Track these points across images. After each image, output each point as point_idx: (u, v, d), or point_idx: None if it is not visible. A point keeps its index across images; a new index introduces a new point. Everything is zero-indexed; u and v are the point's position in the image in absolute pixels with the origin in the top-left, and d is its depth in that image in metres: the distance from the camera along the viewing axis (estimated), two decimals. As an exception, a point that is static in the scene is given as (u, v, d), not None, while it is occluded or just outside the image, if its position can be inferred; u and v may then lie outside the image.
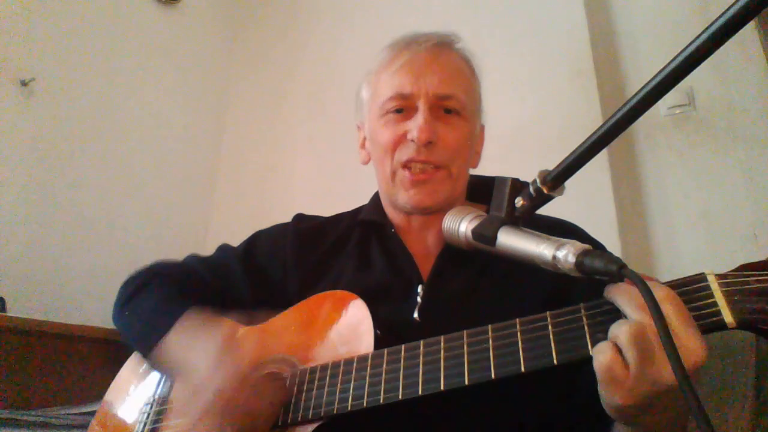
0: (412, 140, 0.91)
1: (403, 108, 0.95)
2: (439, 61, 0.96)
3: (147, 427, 0.93)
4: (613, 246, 1.70)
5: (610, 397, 0.58)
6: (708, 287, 0.58)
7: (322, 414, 0.76)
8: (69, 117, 2.19)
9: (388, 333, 0.79)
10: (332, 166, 2.41)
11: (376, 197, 1.08)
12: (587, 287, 0.62)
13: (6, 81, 2.00)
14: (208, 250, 1.19)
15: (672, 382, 0.53)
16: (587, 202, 1.74)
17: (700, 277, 0.58)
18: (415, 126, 0.91)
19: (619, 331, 0.56)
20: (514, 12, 2.18)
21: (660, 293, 0.55)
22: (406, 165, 0.93)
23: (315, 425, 0.76)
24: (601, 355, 0.57)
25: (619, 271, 0.53)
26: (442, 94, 0.93)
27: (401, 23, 2.39)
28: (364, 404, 0.72)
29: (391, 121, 0.96)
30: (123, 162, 2.36)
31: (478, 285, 0.90)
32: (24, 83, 2.03)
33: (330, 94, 2.53)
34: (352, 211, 1.13)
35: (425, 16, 2.36)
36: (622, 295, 0.58)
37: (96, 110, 2.29)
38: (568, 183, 0.63)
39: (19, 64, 2.04)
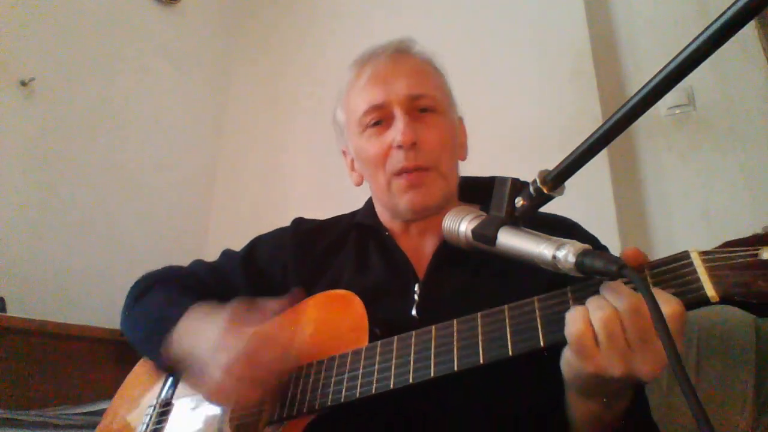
0: (398, 146, 0.92)
1: (381, 119, 0.96)
2: (402, 66, 0.98)
3: (149, 428, 0.94)
4: (613, 246, 1.69)
5: (579, 364, 0.60)
6: (691, 264, 0.59)
7: (317, 407, 0.77)
8: (69, 117, 2.19)
9: (387, 331, 0.80)
10: (331, 167, 2.40)
11: (369, 203, 1.10)
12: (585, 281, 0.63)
13: (6, 81, 2.00)
14: (207, 250, 1.20)
15: (641, 376, 0.57)
16: (587, 202, 1.73)
17: (684, 255, 0.60)
18: (396, 131, 0.93)
19: (596, 310, 0.58)
20: (515, 12, 2.18)
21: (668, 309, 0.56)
22: (399, 174, 0.94)
23: (310, 418, 0.78)
24: (572, 326, 0.59)
25: (619, 271, 0.54)
26: (414, 94, 0.95)
27: (400, 22, 2.39)
28: (357, 395, 0.74)
29: (373, 135, 0.97)
30: (123, 162, 2.37)
31: (475, 282, 0.91)
32: (24, 83, 2.03)
33: (329, 94, 2.51)
34: (349, 214, 1.14)
35: (424, 15, 2.36)
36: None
37: (96, 110, 2.29)
38: (568, 183, 0.63)
39: (19, 64, 2.04)
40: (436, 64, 1.05)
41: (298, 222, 1.14)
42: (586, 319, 0.58)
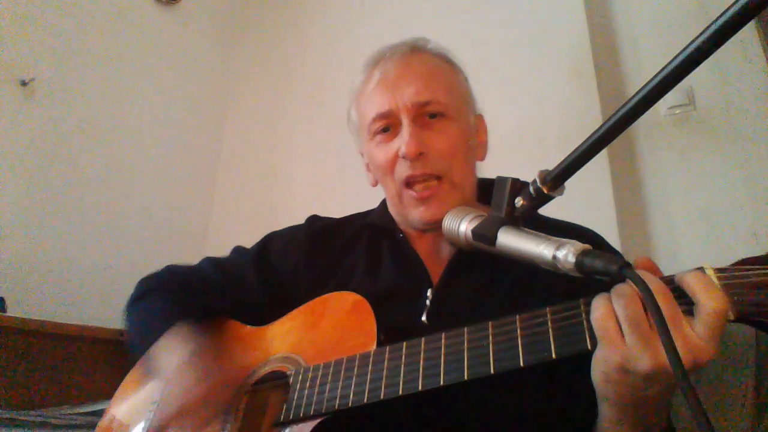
0: (404, 157, 0.90)
1: (388, 126, 0.94)
2: (410, 69, 0.95)
3: (151, 426, 0.93)
4: (613, 246, 1.69)
5: (606, 355, 0.58)
6: None
7: (324, 410, 0.76)
8: (69, 117, 2.19)
9: (395, 335, 0.79)
10: (332, 166, 2.41)
11: (384, 203, 1.08)
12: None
13: (6, 81, 2.00)
14: (208, 250, 1.20)
15: (666, 367, 0.54)
16: (587, 202, 1.73)
17: (698, 271, 0.58)
18: (402, 142, 0.91)
19: (618, 297, 0.57)
20: (515, 12, 2.18)
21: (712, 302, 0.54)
22: (407, 183, 0.93)
23: (317, 421, 0.77)
24: (596, 311, 0.58)
25: (620, 271, 0.53)
26: (421, 101, 0.92)
27: (401, 23, 2.39)
28: (365, 400, 0.73)
29: (382, 142, 0.95)
30: (123, 162, 2.37)
31: (488, 291, 0.89)
32: (24, 83, 2.03)
33: (330, 93, 2.53)
34: (363, 213, 1.13)
35: (424, 16, 2.36)
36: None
37: (96, 110, 2.29)
38: (568, 183, 0.63)
39: (19, 64, 2.04)
40: (452, 61, 1.02)
41: (313, 220, 1.12)
42: (609, 304, 0.57)
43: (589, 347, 0.60)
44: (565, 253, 0.57)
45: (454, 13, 2.29)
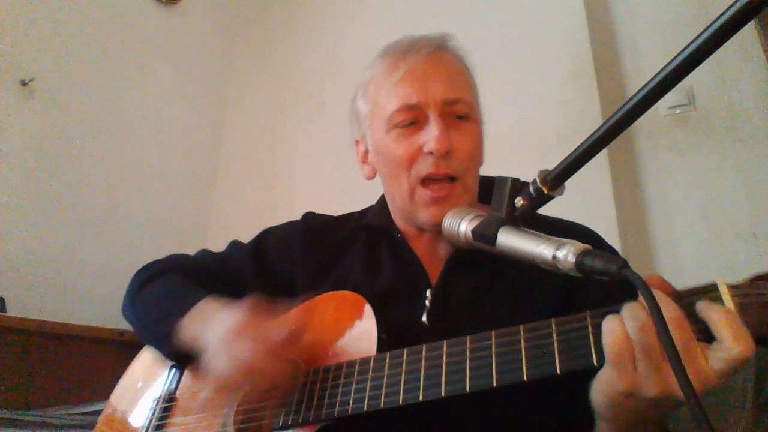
0: (430, 152, 0.88)
1: (413, 120, 0.92)
2: (440, 66, 0.94)
3: (153, 423, 0.93)
4: (613, 246, 1.70)
5: (615, 380, 0.57)
6: (720, 299, 0.56)
7: (323, 416, 0.76)
8: (69, 117, 2.19)
9: (396, 336, 0.79)
10: (332, 166, 2.41)
11: (382, 202, 1.06)
12: (602, 301, 0.61)
13: (6, 81, 2.00)
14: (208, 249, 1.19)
15: (680, 395, 0.49)
16: (587, 202, 1.73)
17: (712, 287, 0.57)
18: (430, 137, 0.88)
19: (630, 320, 0.56)
20: (515, 12, 2.18)
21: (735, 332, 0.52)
22: (425, 182, 0.91)
23: (316, 427, 0.76)
24: (610, 336, 0.57)
25: (620, 271, 0.53)
26: (451, 99, 0.90)
27: (400, 23, 2.39)
28: (365, 408, 0.72)
29: (402, 135, 0.92)
30: (123, 162, 2.37)
31: (488, 290, 0.89)
32: (24, 83, 2.03)
33: (330, 93, 2.53)
34: (360, 212, 1.12)
35: (424, 16, 2.36)
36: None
37: (96, 110, 2.29)
38: (568, 183, 0.62)
39: (19, 64, 2.04)
40: (469, 63, 1.01)
41: (309, 217, 1.11)
42: (623, 328, 0.56)
43: (596, 363, 0.59)
44: (565, 253, 0.57)
45: (454, 13, 2.29)
